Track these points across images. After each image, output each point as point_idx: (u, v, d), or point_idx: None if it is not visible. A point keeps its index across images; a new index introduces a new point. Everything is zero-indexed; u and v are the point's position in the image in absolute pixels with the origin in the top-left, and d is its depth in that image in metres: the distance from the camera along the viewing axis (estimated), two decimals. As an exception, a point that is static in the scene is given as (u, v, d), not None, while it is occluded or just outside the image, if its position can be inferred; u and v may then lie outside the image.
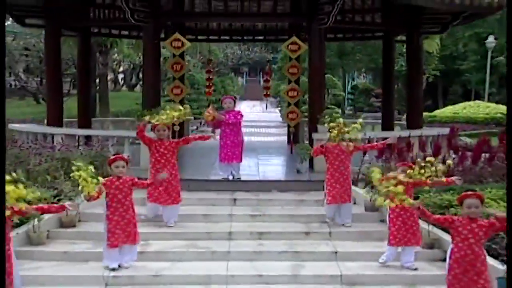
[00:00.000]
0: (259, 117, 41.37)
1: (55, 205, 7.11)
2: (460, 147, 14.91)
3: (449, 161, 8.46)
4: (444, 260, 8.46)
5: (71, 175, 7.72)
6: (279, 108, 45.64)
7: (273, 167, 12.48)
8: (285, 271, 8.18)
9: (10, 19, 17.30)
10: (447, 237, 7.77)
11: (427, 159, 7.86)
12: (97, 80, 30.02)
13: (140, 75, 49.99)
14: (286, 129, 17.07)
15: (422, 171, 7.57)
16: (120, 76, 57.30)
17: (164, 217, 9.78)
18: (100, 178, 7.49)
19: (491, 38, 37.97)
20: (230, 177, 11.63)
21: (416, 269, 8.21)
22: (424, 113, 22.71)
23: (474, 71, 45.51)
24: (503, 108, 35.12)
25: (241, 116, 11.81)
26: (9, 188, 6.08)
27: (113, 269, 7.96)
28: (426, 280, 8.01)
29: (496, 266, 7.55)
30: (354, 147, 9.75)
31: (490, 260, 7.76)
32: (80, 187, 7.47)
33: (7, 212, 6.03)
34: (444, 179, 7.70)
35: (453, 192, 9.82)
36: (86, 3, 14.21)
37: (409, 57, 15.93)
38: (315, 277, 8.05)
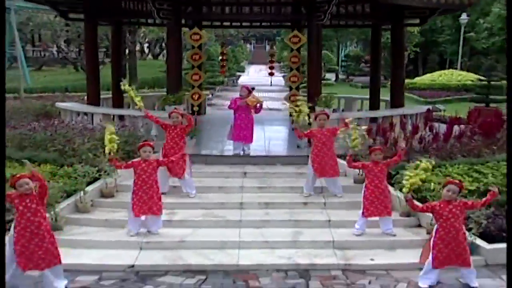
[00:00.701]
0: (265, 81, 40.93)
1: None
2: (435, 119, 15.02)
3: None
4: (419, 226, 8.80)
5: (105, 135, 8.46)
6: (283, 75, 45.43)
7: (277, 142, 12.37)
8: (287, 238, 8.29)
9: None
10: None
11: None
12: (127, 51, 30.00)
13: (163, 45, 49.74)
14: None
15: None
16: (145, 45, 56.90)
17: (183, 188, 9.89)
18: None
19: (464, 16, 37.55)
20: (241, 153, 11.60)
21: (395, 235, 8.37)
22: (406, 80, 22.64)
23: (449, 43, 45.23)
24: (473, 76, 34.98)
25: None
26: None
27: (136, 235, 8.21)
28: (404, 244, 8.18)
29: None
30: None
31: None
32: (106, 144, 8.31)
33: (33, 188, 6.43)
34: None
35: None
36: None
37: (393, 45, 15.81)
38: (311, 243, 8.16)
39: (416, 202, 7.09)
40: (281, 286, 6.98)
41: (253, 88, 11.80)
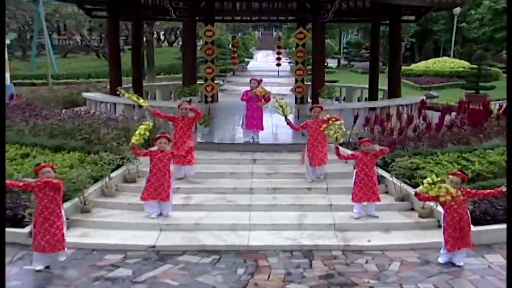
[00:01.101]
0: (272, 66, 40.62)
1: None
2: (429, 107, 15.04)
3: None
4: (412, 210, 8.91)
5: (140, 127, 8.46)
6: (289, 61, 45.27)
7: (284, 130, 12.39)
8: (293, 221, 8.36)
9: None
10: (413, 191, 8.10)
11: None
12: (145, 39, 29.98)
13: (178, 33, 49.56)
14: (294, 79, 16.29)
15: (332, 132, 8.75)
16: (161, 32, 56.61)
17: (186, 173, 9.93)
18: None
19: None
20: (251, 140, 11.62)
21: (377, 216, 8.47)
22: (403, 67, 22.55)
23: (443, 32, 44.86)
24: (464, 63, 34.77)
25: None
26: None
27: (157, 217, 8.33)
28: (398, 226, 8.28)
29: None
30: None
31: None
32: (135, 135, 8.32)
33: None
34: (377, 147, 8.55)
35: (420, 156, 10.07)
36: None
37: (390, 39, 15.77)
38: (314, 225, 8.22)
39: (423, 194, 7.20)
40: (287, 265, 7.10)
41: (261, 80, 11.84)
